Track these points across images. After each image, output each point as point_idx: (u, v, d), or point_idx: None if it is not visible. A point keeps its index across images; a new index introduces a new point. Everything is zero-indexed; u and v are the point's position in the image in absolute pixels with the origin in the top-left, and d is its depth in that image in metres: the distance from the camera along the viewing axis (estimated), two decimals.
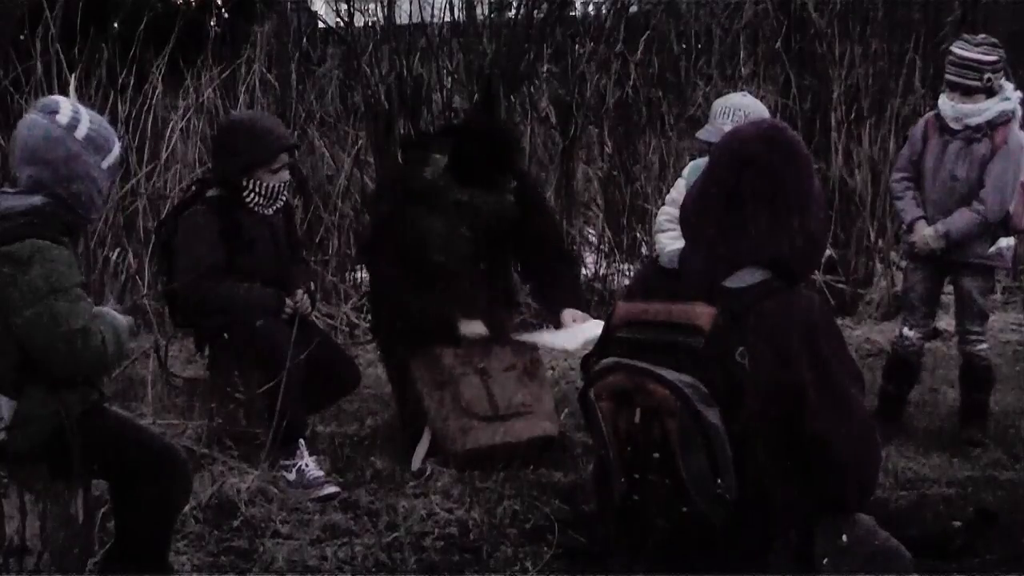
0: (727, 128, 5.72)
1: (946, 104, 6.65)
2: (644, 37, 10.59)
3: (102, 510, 4.98)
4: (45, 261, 4.24)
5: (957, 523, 5.54)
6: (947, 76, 6.67)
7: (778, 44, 10.41)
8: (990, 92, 6.57)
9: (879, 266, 9.74)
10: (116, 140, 4.53)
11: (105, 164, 4.44)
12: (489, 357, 6.40)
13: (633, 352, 3.63)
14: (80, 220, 4.46)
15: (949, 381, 7.52)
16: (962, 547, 5.31)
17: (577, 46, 10.67)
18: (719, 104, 6.45)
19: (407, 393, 6.44)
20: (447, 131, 7.01)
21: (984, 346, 6.84)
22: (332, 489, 5.86)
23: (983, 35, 6.81)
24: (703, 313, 3.55)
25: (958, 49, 6.62)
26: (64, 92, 8.02)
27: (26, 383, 4.33)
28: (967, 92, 6.58)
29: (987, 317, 6.94)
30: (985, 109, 6.57)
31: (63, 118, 4.41)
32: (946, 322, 8.14)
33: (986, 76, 6.54)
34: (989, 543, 5.33)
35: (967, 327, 6.81)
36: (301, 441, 5.94)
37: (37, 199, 4.33)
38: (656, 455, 3.56)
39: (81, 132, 4.40)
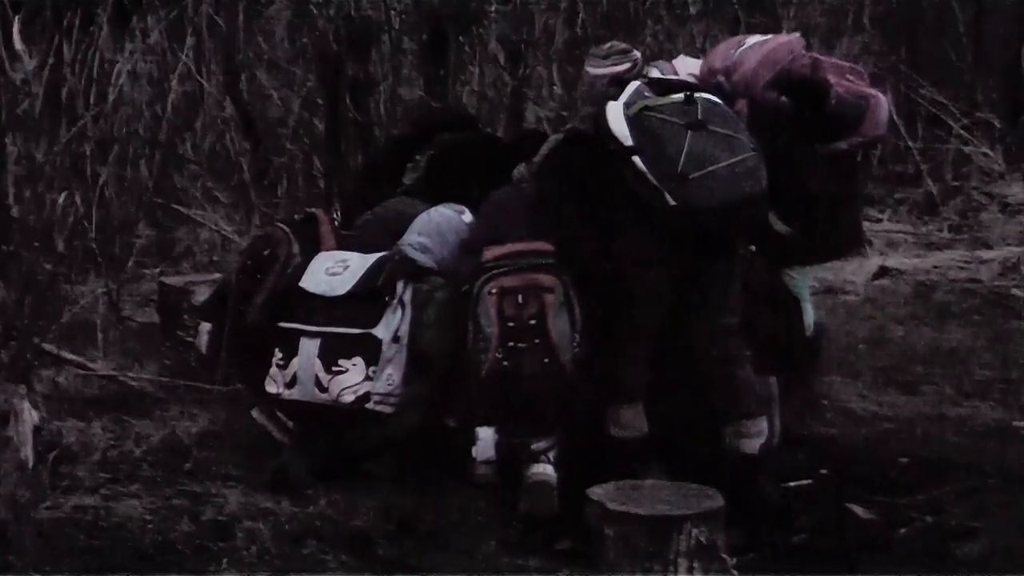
0: None
1: None
2: None
3: (52, 454, 4.97)
4: None
5: (904, 459, 5.60)
6: None
7: None
8: None
9: None
10: None
11: None
12: None
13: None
14: None
15: (897, 319, 7.57)
16: (910, 483, 5.38)
17: None
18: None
19: None
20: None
21: None
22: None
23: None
24: None
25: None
26: (8, 34, 7.95)
27: None
28: None
29: None
30: None
31: None
32: (895, 260, 8.19)
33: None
34: (937, 480, 5.39)
35: None
36: None
37: None
38: (533, 322, 4.84)
39: None
